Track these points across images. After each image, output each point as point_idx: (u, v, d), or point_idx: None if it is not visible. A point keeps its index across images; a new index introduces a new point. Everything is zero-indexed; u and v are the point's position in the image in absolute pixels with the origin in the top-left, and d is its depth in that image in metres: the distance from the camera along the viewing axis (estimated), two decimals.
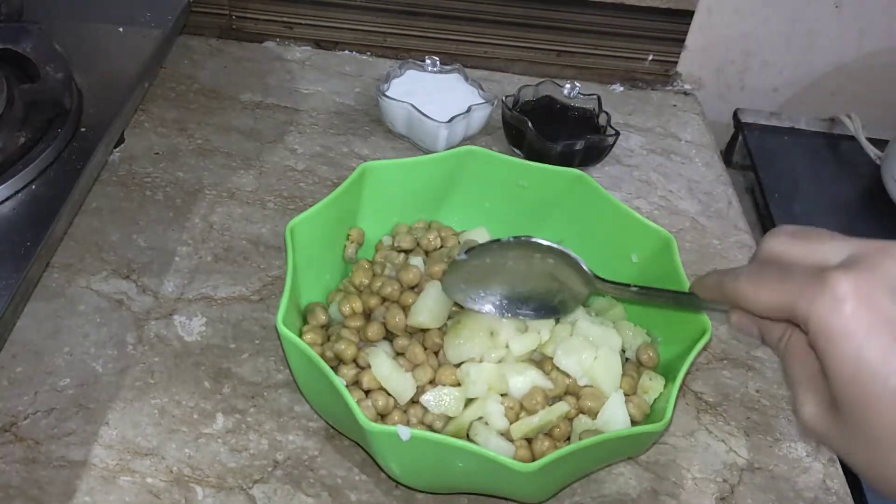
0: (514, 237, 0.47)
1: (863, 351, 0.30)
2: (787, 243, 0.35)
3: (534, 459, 0.48)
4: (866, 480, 0.32)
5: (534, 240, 0.47)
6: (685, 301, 0.47)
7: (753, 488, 0.54)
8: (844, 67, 0.94)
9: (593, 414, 0.51)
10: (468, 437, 0.50)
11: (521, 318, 0.52)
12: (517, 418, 0.50)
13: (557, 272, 0.49)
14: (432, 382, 0.51)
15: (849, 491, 0.55)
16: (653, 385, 0.53)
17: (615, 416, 0.51)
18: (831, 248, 0.33)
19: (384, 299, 0.56)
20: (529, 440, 0.50)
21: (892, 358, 0.29)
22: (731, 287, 0.36)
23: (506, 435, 0.50)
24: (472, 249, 0.49)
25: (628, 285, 0.47)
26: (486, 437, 0.49)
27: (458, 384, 0.51)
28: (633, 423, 0.51)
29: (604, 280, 0.48)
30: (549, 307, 0.51)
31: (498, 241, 0.48)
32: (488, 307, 0.51)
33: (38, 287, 0.59)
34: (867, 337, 0.30)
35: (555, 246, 0.47)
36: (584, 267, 0.47)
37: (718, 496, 0.54)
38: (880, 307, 0.30)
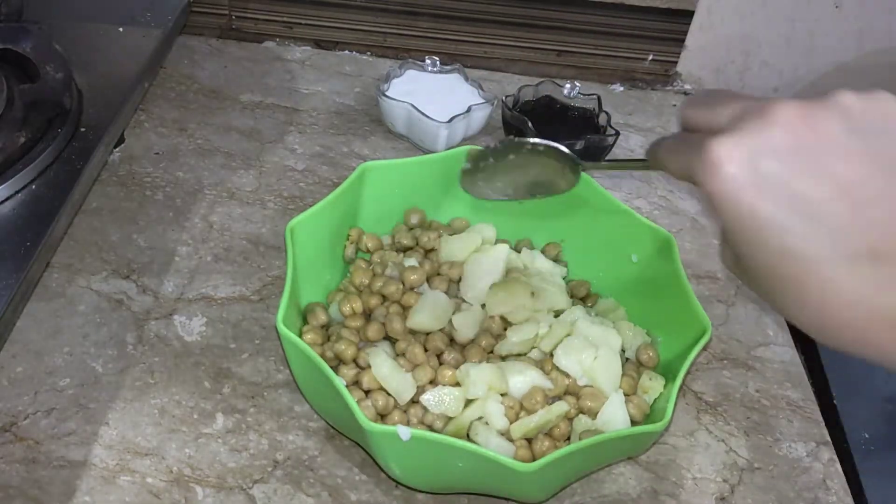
0: (502, 141, 0.49)
1: (740, 209, 0.32)
2: (694, 109, 0.36)
3: (534, 459, 0.48)
4: (779, 312, 0.35)
5: (519, 139, 0.49)
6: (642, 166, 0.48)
7: (753, 488, 0.54)
8: (844, 67, 0.94)
9: (593, 414, 0.51)
10: (468, 437, 0.50)
11: (532, 197, 0.52)
12: (517, 418, 0.50)
13: (548, 160, 0.50)
14: (433, 382, 0.51)
15: (849, 491, 0.55)
16: (653, 385, 0.53)
17: (615, 416, 0.51)
18: (724, 110, 0.34)
19: (384, 298, 0.56)
20: (529, 440, 0.50)
21: (764, 214, 0.31)
22: (656, 155, 0.38)
23: (506, 435, 0.50)
24: (472, 157, 0.51)
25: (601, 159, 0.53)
26: (486, 436, 0.49)
27: (458, 384, 0.51)
28: (633, 423, 0.51)
29: (584, 162, 0.50)
30: (550, 188, 0.52)
31: (492, 146, 0.50)
32: (503, 196, 0.52)
33: (38, 287, 0.59)
34: (745, 196, 0.31)
35: (538, 141, 0.49)
36: (567, 151, 0.49)
37: (718, 496, 0.54)
38: (756, 166, 0.31)
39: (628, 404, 0.51)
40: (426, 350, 0.53)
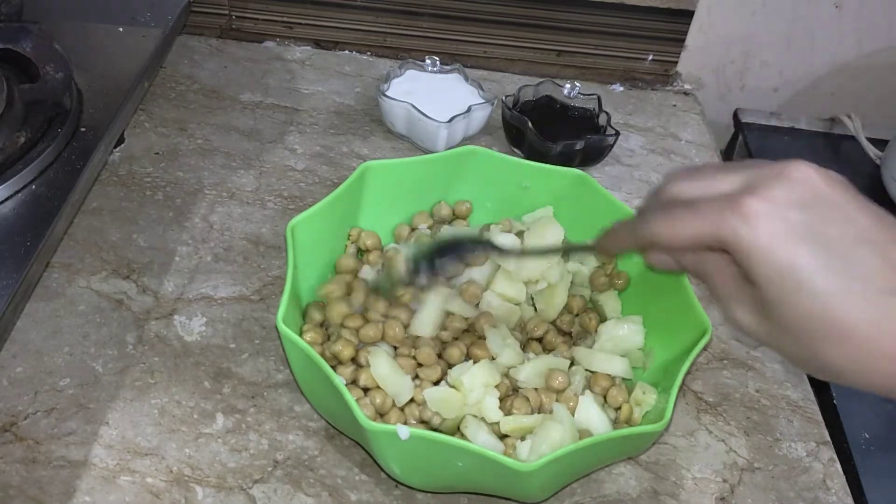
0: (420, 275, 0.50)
1: (779, 257, 0.33)
2: (684, 184, 0.38)
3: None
4: (799, 367, 0.37)
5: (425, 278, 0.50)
6: (586, 251, 0.48)
7: (753, 488, 0.54)
8: (844, 67, 0.94)
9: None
10: (459, 431, 0.50)
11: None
12: (511, 407, 0.51)
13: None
14: (436, 383, 0.52)
15: (849, 491, 0.55)
16: (646, 399, 0.53)
17: (589, 417, 0.51)
18: (725, 179, 0.36)
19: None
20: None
21: (802, 259, 0.33)
22: (645, 233, 0.38)
23: (496, 429, 0.50)
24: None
25: (522, 251, 0.53)
26: (475, 431, 0.49)
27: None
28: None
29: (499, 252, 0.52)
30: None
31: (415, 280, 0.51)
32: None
33: (38, 287, 0.59)
34: (782, 244, 0.33)
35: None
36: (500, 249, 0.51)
37: (718, 496, 0.54)
38: (787, 217, 0.34)
39: (622, 425, 0.52)
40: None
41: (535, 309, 0.58)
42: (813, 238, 0.33)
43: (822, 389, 0.64)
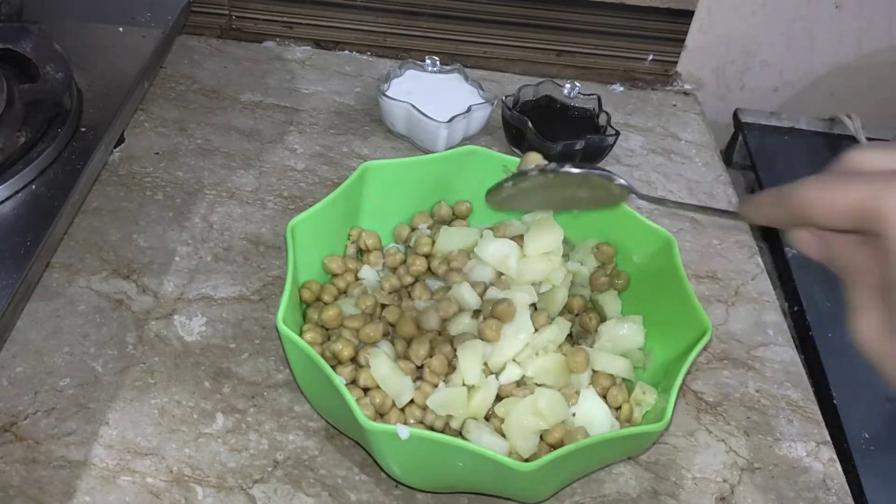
0: (553, 168, 0.49)
1: None
2: (870, 152, 0.33)
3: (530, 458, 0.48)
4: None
5: (567, 169, 0.49)
6: (726, 216, 0.45)
7: (753, 488, 0.54)
8: (844, 67, 0.94)
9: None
10: (461, 434, 0.50)
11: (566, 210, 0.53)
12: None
13: (594, 188, 0.51)
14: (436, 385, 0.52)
15: (849, 491, 0.55)
16: (646, 399, 0.53)
17: (592, 412, 0.51)
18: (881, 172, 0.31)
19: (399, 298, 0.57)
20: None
21: None
22: (795, 200, 0.33)
23: (498, 430, 0.50)
24: (518, 176, 0.51)
25: (664, 199, 0.49)
26: (478, 434, 0.49)
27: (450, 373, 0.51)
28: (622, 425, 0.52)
29: (640, 194, 0.50)
30: (587, 204, 0.53)
31: (535, 171, 0.49)
32: (535, 209, 0.54)
33: (38, 287, 0.59)
34: None
35: (593, 172, 0.49)
36: (623, 182, 0.50)
37: (718, 496, 0.54)
38: None
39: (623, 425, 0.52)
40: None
41: (535, 308, 0.58)
42: None
43: (821, 389, 0.64)
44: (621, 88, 0.88)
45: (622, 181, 0.49)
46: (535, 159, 0.54)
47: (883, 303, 0.31)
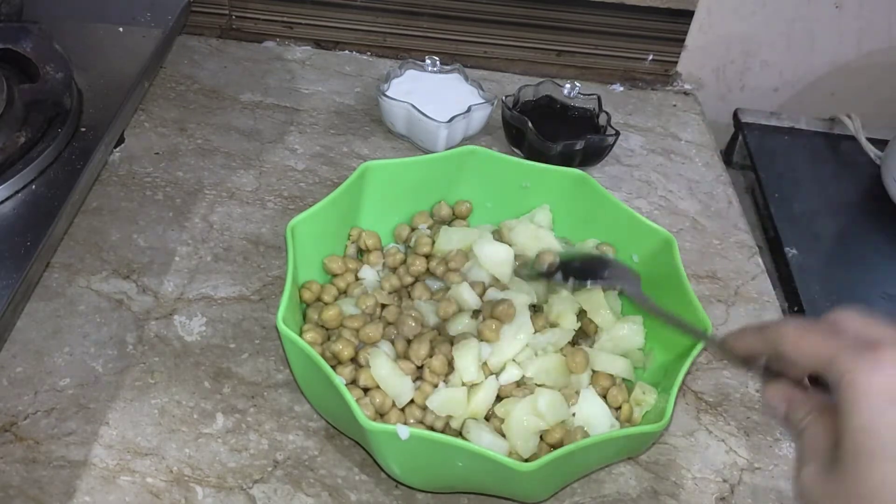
0: (557, 280, 0.53)
1: (886, 410, 0.32)
2: (853, 316, 0.37)
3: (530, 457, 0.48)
4: None
5: (569, 284, 0.53)
6: (704, 340, 0.49)
7: (753, 488, 0.54)
8: (844, 67, 0.94)
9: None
10: (461, 434, 0.50)
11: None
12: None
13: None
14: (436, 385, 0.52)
15: None
16: (646, 399, 0.53)
17: (592, 412, 0.51)
18: (888, 332, 0.35)
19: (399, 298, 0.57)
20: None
21: None
22: (774, 330, 0.38)
23: (498, 430, 0.50)
24: (529, 274, 0.56)
25: (651, 306, 0.52)
26: (478, 434, 0.49)
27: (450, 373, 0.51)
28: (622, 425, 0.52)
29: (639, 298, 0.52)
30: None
31: (546, 273, 0.54)
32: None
33: (38, 287, 0.59)
34: (889, 419, 0.32)
35: (596, 285, 0.54)
36: (619, 287, 0.54)
37: (718, 496, 0.54)
38: None
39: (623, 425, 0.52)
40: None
41: (534, 309, 0.58)
42: None
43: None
44: (621, 88, 0.88)
45: (620, 287, 0.53)
46: (547, 259, 0.55)
47: (823, 455, 0.35)
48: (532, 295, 0.55)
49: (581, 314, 0.58)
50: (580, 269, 0.54)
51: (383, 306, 0.56)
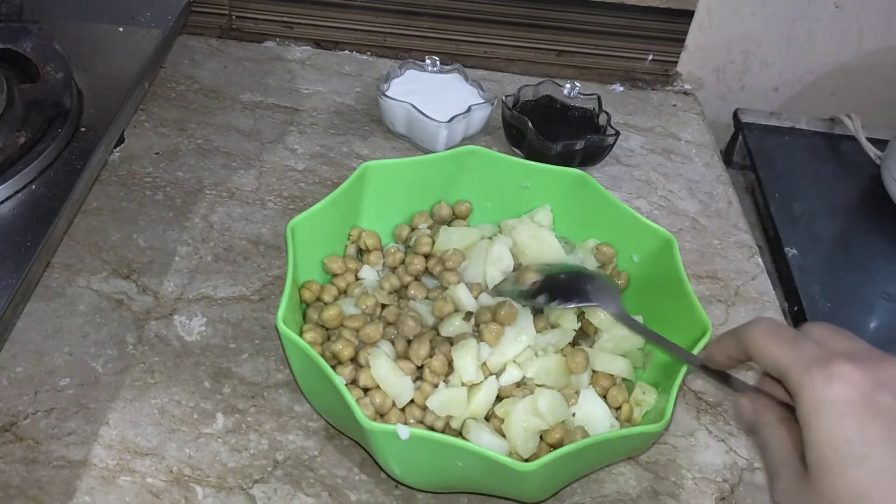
0: (541, 302, 0.53)
1: (841, 423, 0.33)
2: (824, 329, 0.38)
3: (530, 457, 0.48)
4: None
5: (552, 306, 0.53)
6: (686, 358, 0.49)
7: (753, 488, 0.54)
8: (844, 67, 0.94)
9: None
10: (461, 434, 0.50)
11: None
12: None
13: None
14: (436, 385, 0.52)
15: None
16: (646, 399, 0.53)
17: (593, 413, 0.51)
18: (850, 344, 0.37)
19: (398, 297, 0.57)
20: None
21: (863, 434, 0.33)
22: (745, 332, 0.39)
23: (498, 431, 0.50)
24: (510, 293, 0.55)
25: (634, 324, 0.53)
26: (478, 434, 0.49)
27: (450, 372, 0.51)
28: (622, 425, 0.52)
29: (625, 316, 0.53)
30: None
31: (528, 294, 0.54)
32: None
33: (38, 287, 0.59)
34: (848, 412, 0.33)
35: (575, 306, 0.54)
36: (602, 307, 0.54)
37: (718, 496, 0.54)
38: (864, 391, 0.34)
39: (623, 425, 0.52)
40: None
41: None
42: (888, 421, 0.33)
43: None
44: (621, 88, 0.88)
45: (602, 307, 0.53)
46: (530, 277, 0.55)
47: (792, 466, 0.36)
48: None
49: (581, 314, 0.58)
50: (564, 286, 0.54)
51: (383, 306, 0.56)
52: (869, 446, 0.33)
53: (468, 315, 0.55)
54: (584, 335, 0.57)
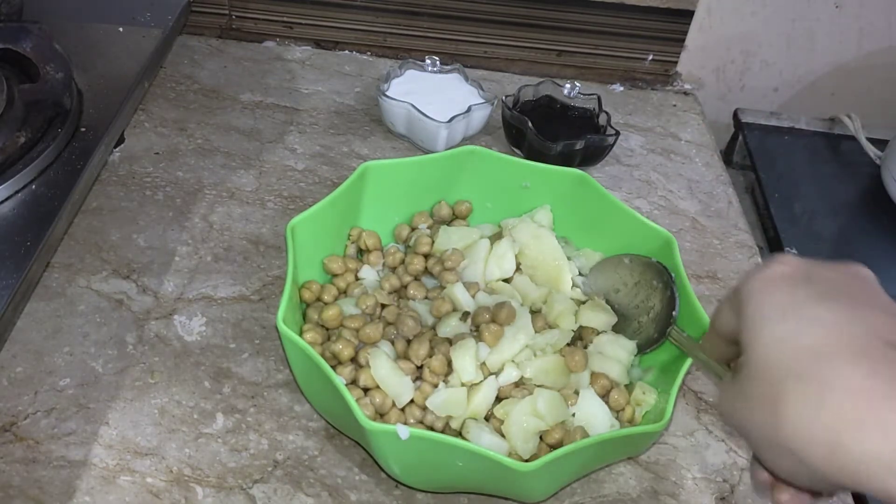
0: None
1: (773, 291, 0.34)
2: (790, 259, 0.38)
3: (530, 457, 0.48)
4: (753, 448, 0.36)
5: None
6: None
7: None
8: (844, 67, 0.94)
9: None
10: (461, 435, 0.50)
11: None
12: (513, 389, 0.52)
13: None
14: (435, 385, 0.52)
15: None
16: (646, 399, 0.53)
17: (592, 412, 0.51)
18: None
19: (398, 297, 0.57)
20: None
21: (794, 296, 0.34)
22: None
23: (498, 431, 0.50)
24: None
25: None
26: (477, 434, 0.49)
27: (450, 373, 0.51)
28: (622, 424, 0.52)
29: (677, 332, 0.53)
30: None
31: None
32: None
33: (38, 287, 0.59)
34: (781, 282, 0.34)
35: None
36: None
37: (718, 496, 0.54)
38: (801, 268, 0.35)
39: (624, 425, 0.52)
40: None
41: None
42: (805, 294, 0.34)
43: None
44: (621, 88, 0.88)
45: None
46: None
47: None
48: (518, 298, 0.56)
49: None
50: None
51: (383, 306, 0.56)
52: (799, 304, 0.33)
53: (465, 315, 0.55)
54: (578, 338, 0.57)
